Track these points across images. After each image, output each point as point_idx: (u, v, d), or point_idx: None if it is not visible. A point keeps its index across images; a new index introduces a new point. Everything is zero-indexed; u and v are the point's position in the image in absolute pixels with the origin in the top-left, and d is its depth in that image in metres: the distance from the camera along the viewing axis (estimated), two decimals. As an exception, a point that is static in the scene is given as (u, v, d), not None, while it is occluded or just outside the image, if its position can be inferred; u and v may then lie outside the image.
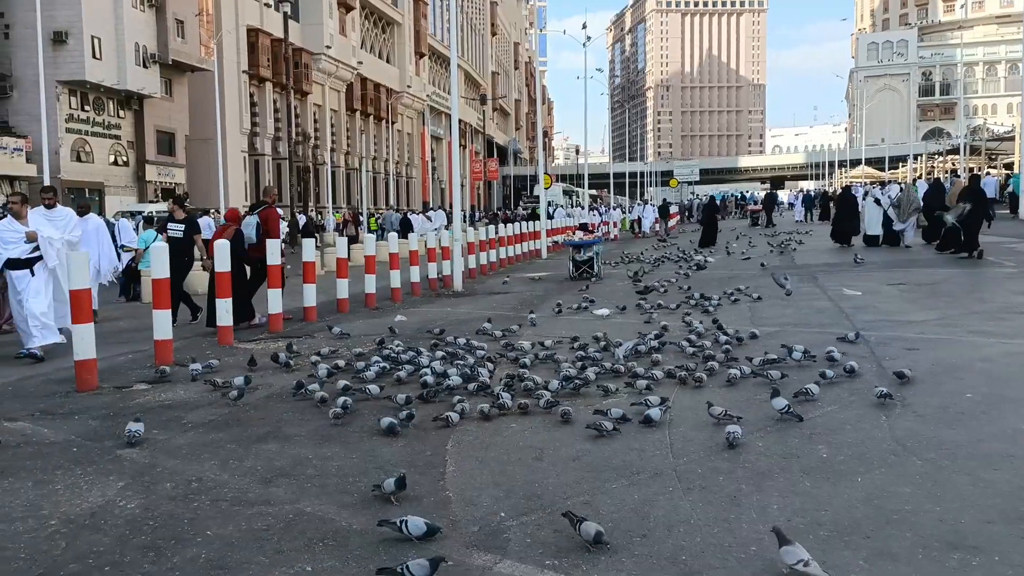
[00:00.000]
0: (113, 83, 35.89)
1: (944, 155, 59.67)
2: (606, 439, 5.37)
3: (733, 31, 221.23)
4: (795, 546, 3.45)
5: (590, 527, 3.75)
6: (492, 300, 13.92)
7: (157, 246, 9.63)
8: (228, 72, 41.23)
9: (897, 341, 8.37)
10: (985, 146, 43.59)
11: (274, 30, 44.02)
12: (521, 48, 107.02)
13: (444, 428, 5.75)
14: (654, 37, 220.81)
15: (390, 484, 4.40)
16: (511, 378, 7.00)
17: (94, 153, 36.59)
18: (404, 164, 65.72)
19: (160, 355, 8.57)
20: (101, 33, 35.08)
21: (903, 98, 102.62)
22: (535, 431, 5.67)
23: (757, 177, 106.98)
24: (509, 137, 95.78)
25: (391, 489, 4.39)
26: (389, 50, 63.01)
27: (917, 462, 4.81)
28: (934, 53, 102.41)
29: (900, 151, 79.21)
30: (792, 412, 5.58)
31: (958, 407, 5.93)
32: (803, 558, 3.40)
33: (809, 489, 4.43)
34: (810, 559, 3.39)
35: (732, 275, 15.83)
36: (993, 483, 4.43)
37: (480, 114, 74.34)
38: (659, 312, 11.00)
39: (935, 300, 11.33)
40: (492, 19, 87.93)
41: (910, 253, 19.00)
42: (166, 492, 4.67)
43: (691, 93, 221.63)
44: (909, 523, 3.95)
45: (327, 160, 51.26)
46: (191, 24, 39.83)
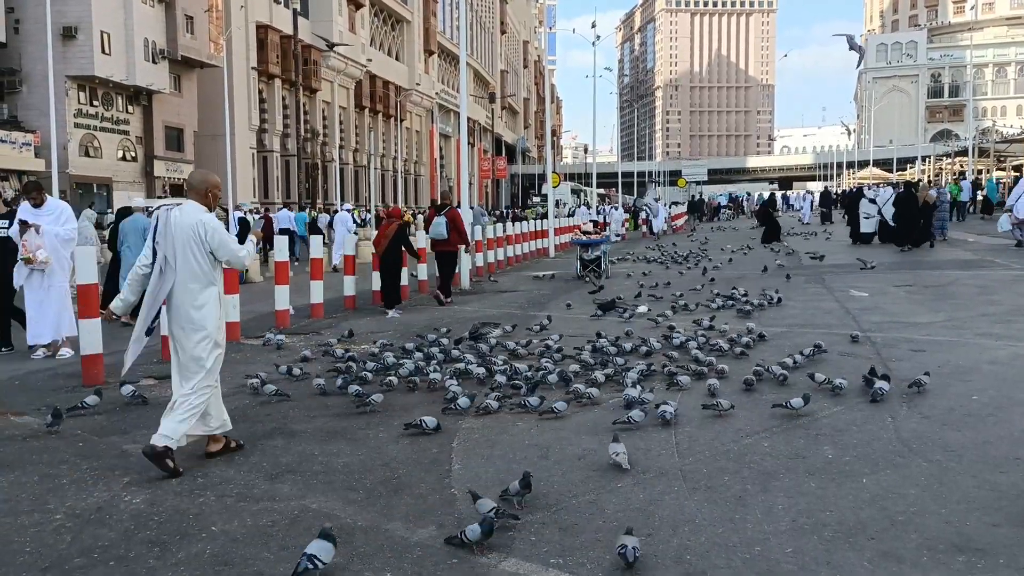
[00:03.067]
0: (122, 78, 35.99)
1: (952, 157, 59.37)
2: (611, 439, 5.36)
3: (743, 31, 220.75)
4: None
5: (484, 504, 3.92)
6: (500, 299, 13.91)
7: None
8: (237, 68, 41.31)
9: (904, 343, 8.35)
10: (994, 148, 43.36)
11: (283, 27, 44.11)
12: (530, 47, 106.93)
13: (455, 418, 5.75)
14: (663, 37, 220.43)
15: (475, 532, 3.71)
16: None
17: (102, 148, 36.71)
18: (412, 162, 65.75)
19: (167, 352, 8.57)
20: (110, 28, 35.18)
21: (912, 99, 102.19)
22: (541, 430, 5.67)
23: (765, 177, 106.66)
24: (517, 135, 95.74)
25: (475, 537, 3.71)
26: (398, 47, 63.04)
27: (923, 464, 4.80)
28: (943, 55, 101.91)
29: (908, 152, 78.95)
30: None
31: (965, 409, 5.91)
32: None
33: (814, 490, 4.42)
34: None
35: (741, 275, 15.80)
36: (999, 486, 4.41)
37: (489, 112, 74.32)
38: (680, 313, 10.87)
39: (942, 302, 11.28)
40: (502, 17, 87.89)
41: (915, 254, 18.93)
42: (171, 487, 4.69)
43: (700, 93, 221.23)
44: (914, 525, 3.93)
45: (335, 157, 51.32)
46: (200, 20, 39.92)
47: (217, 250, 5.06)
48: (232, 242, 5.14)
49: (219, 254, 5.08)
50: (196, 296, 5.02)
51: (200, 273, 5.03)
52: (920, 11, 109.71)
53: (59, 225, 8.90)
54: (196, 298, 5.02)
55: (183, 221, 5.02)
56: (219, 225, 5.10)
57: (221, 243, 5.04)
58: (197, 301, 5.02)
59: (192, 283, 5.02)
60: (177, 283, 5.02)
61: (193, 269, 5.02)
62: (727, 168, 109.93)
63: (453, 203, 14.94)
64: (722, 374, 6.95)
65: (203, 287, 5.05)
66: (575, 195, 63.63)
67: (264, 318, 11.36)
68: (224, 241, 5.06)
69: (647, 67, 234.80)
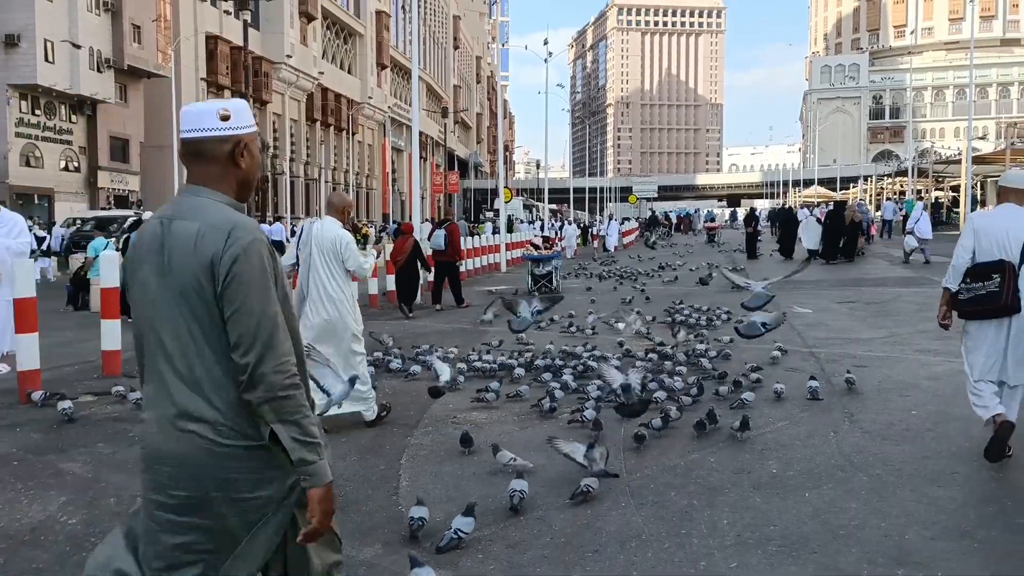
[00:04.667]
0: (66, 87, 35.16)
1: (893, 177, 61.08)
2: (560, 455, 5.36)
3: (692, 51, 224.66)
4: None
5: None
6: (451, 315, 13.88)
7: (107, 255, 9.43)
8: (186, 79, 40.68)
9: (847, 358, 8.53)
10: (932, 169, 44.71)
11: (234, 38, 43.60)
12: (483, 62, 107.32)
13: (404, 439, 5.70)
14: (615, 55, 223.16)
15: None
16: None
17: (44, 158, 35.76)
18: (364, 175, 65.36)
19: (108, 366, 8.38)
20: (55, 37, 34.39)
21: (855, 120, 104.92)
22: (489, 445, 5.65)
23: (714, 194, 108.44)
24: (470, 150, 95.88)
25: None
26: (351, 61, 62.75)
27: (864, 478, 4.90)
28: (884, 77, 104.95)
29: (851, 172, 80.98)
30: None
31: (904, 424, 6.06)
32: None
33: (759, 504, 4.48)
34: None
35: (688, 291, 15.99)
36: (938, 500, 4.53)
37: (441, 127, 74.28)
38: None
39: (884, 319, 11.56)
40: (455, 33, 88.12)
41: (859, 271, 19.41)
42: (109, 508, 4.56)
43: (651, 111, 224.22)
44: (855, 538, 4.01)
45: (286, 170, 50.77)
46: (148, 29, 39.24)
47: (347, 260, 6.03)
48: (359, 255, 6.17)
49: (348, 264, 6.04)
50: (333, 297, 5.97)
51: (333, 278, 6.00)
52: (862, 35, 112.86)
53: (11, 238, 8.56)
54: (334, 299, 5.97)
55: (324, 234, 6.02)
56: (352, 240, 6.16)
57: (352, 255, 6.04)
58: (335, 300, 5.96)
59: (326, 286, 5.98)
60: (315, 286, 5.97)
61: (327, 275, 5.99)
62: (677, 185, 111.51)
63: (452, 220, 16.84)
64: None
65: (340, 289, 6.02)
66: (527, 210, 63.89)
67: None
68: (355, 253, 6.09)
69: (599, 84, 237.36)
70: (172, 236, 2.10)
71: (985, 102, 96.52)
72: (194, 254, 2.06)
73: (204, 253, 2.05)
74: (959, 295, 5.14)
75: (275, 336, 2.07)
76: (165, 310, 2.10)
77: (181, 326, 2.08)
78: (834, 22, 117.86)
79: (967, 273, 5.10)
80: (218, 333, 2.07)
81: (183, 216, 2.13)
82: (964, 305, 5.12)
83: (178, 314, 2.08)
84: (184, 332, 2.08)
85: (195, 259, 2.06)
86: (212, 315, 2.07)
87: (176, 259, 2.08)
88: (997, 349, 5.02)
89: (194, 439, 2.06)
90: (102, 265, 9.06)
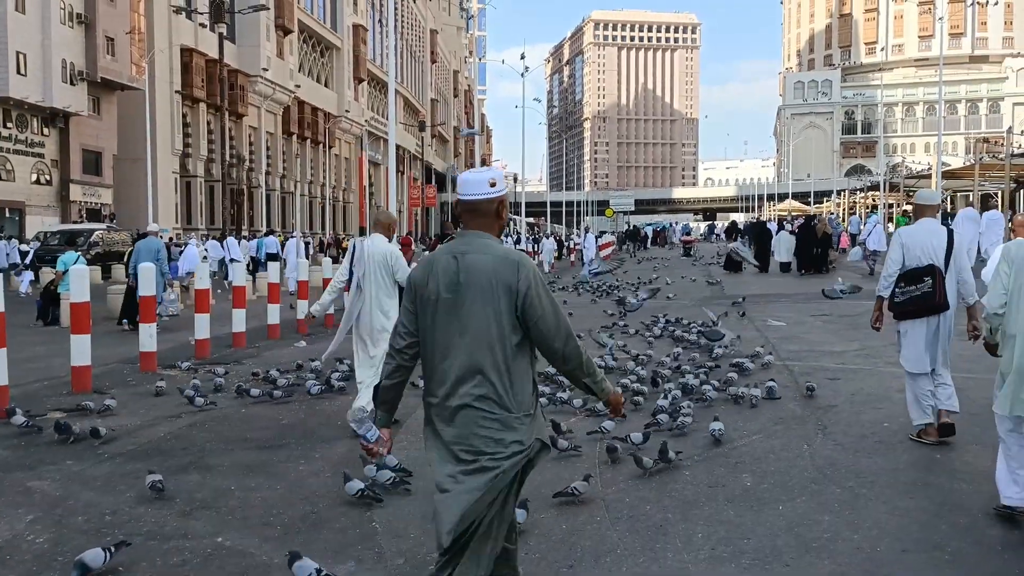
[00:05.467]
0: (38, 100, 34.80)
1: (865, 191, 61.87)
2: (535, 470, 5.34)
3: (668, 66, 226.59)
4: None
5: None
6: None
7: (77, 269, 9.31)
8: (160, 92, 40.39)
9: (820, 371, 8.60)
10: (904, 183, 45.37)
11: (209, 51, 43.39)
12: (460, 76, 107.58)
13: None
14: (591, 70, 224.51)
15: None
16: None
17: (15, 171, 35.31)
18: (341, 189, 65.15)
19: (78, 382, 8.26)
20: (27, 49, 34.05)
21: (827, 135, 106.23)
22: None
23: (690, 208, 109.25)
24: (448, 164, 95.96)
25: None
26: (327, 74, 62.64)
27: (837, 490, 4.93)
28: (856, 93, 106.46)
29: (825, 186, 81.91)
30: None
31: (877, 436, 6.11)
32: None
33: (733, 518, 4.50)
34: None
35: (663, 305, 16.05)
36: (909, 512, 4.56)
37: (419, 140, 74.26)
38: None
39: (856, 331, 11.66)
40: (432, 47, 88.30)
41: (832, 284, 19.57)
42: (78, 526, 4.49)
43: (627, 125, 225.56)
44: (828, 551, 4.03)
45: (262, 183, 50.48)
46: (122, 42, 38.93)
47: (397, 272, 6.44)
48: (407, 268, 6.44)
49: (398, 276, 6.44)
50: (383, 305, 6.40)
51: (386, 289, 6.43)
52: (835, 51, 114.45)
53: None
54: (384, 307, 6.40)
55: (375, 250, 6.46)
56: (400, 254, 6.65)
57: (401, 267, 6.46)
58: (384, 308, 6.39)
59: (380, 296, 6.41)
60: (368, 297, 6.40)
61: (381, 286, 6.42)
62: (653, 199, 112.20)
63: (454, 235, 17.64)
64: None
65: (389, 299, 6.42)
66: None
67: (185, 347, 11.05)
68: (403, 266, 6.49)
69: (576, 99, 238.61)
70: (467, 265, 2.86)
71: (955, 118, 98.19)
72: (493, 278, 2.83)
73: (502, 278, 2.83)
74: (895, 298, 5.82)
75: (569, 326, 2.93)
76: (459, 314, 2.85)
77: (484, 332, 2.83)
78: (807, 38, 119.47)
79: (901, 278, 5.77)
80: (509, 328, 2.84)
81: (474, 251, 2.89)
82: (901, 306, 5.79)
83: (477, 324, 2.83)
84: (485, 336, 2.82)
85: (495, 280, 2.83)
86: (506, 317, 2.84)
87: (473, 280, 2.84)
88: (928, 342, 5.74)
89: (473, 408, 2.83)
90: (72, 280, 8.94)
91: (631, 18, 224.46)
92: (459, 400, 2.82)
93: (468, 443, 2.82)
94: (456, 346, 2.85)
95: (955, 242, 5.78)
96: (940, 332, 5.74)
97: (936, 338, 5.74)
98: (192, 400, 7.35)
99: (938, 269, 5.65)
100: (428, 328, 2.92)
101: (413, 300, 2.98)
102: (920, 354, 5.77)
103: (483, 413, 2.81)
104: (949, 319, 5.75)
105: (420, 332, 2.96)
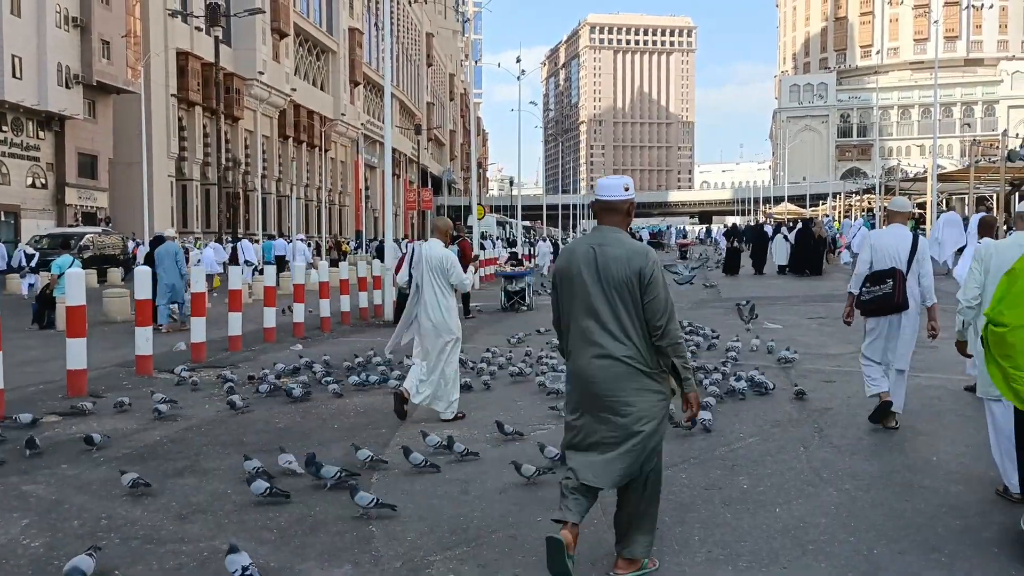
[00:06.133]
0: (33, 103, 34.74)
1: (861, 194, 61.96)
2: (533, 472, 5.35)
3: (664, 69, 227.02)
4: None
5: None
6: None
7: (73, 272, 9.29)
8: (156, 95, 40.35)
9: (816, 374, 8.62)
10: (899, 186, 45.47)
11: (205, 54, 43.35)
12: (456, 79, 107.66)
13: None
14: (587, 73, 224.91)
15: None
16: None
17: (11, 175, 35.23)
18: (337, 192, 65.13)
19: (73, 386, 8.24)
20: (22, 52, 34.00)
21: (823, 138, 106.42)
22: (462, 464, 5.63)
23: (686, 211, 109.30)
24: (443, 167, 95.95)
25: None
26: (323, 78, 62.66)
27: (833, 493, 4.93)
28: (851, 96, 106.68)
29: (820, 189, 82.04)
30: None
31: (872, 439, 6.12)
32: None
33: (730, 520, 4.50)
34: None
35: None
36: (905, 514, 4.57)
37: (415, 144, 74.24)
38: None
39: (852, 334, 11.63)
40: (428, 50, 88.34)
41: (830, 286, 19.62)
42: (73, 530, 4.47)
43: (623, 128, 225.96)
44: (825, 553, 4.03)
45: (258, 187, 50.42)
46: (117, 45, 38.89)
47: (452, 275, 6.98)
48: (462, 272, 7.17)
49: (452, 279, 6.99)
50: (440, 307, 6.91)
51: (442, 289, 6.96)
52: (830, 54, 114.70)
53: None
54: (440, 309, 6.91)
55: (432, 253, 6.97)
56: (456, 259, 7.13)
57: (456, 271, 7.00)
58: (442, 310, 6.91)
59: (437, 296, 6.92)
60: (426, 297, 6.92)
61: (437, 287, 6.93)
62: (649, 202, 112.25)
63: (464, 236, 18.51)
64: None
65: (445, 299, 6.96)
66: (500, 227, 63.94)
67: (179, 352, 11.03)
68: (458, 270, 7.05)
69: (572, 102, 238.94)
70: (604, 255, 3.65)
71: (950, 121, 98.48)
72: (627, 267, 3.61)
73: (634, 266, 3.61)
74: (861, 297, 6.31)
75: (673, 311, 3.68)
76: (601, 296, 3.63)
77: (615, 305, 3.62)
78: (802, 42, 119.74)
79: (867, 279, 6.25)
80: (637, 309, 3.61)
81: (610, 244, 3.68)
82: (865, 304, 6.30)
83: (610, 298, 3.62)
84: (615, 307, 3.62)
85: (628, 269, 3.61)
86: (635, 299, 3.61)
87: (612, 269, 3.62)
88: (887, 337, 6.27)
89: (614, 365, 3.62)
90: (68, 283, 8.92)
91: (627, 21, 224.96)
92: (597, 351, 3.62)
93: (606, 391, 3.62)
94: (593, 314, 3.64)
95: (919, 247, 6.18)
96: (901, 330, 6.19)
97: (897, 334, 6.21)
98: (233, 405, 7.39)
99: (899, 271, 6.07)
100: (568, 301, 3.74)
101: (558, 281, 3.82)
102: (880, 348, 6.30)
103: (615, 363, 3.61)
104: (911, 318, 6.18)
105: (562, 304, 3.78)
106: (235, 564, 3.63)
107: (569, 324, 3.74)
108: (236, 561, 3.64)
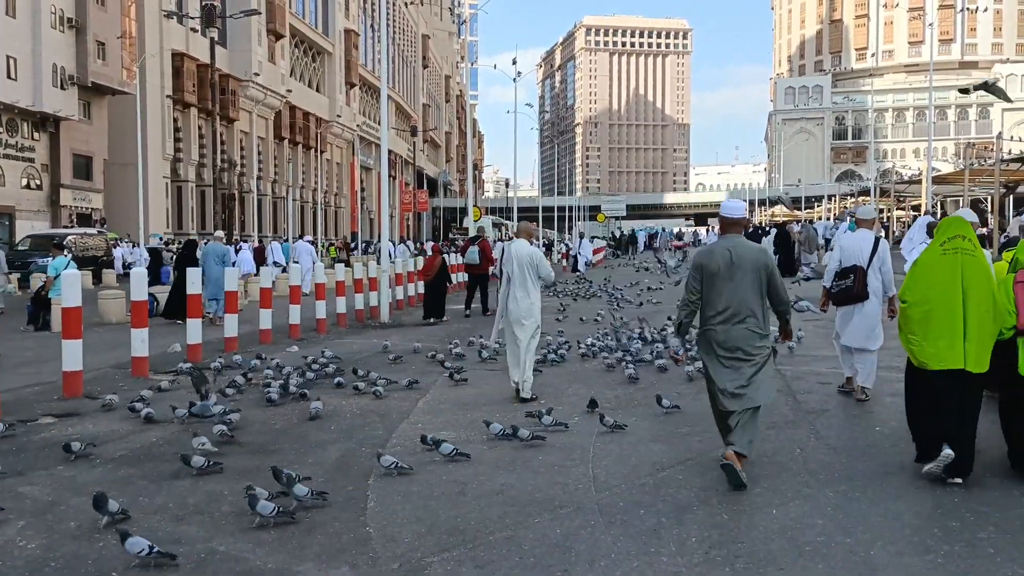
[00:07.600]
0: (28, 104, 34.68)
1: (855, 197, 62.15)
2: (530, 474, 5.36)
3: (660, 72, 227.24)
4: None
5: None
6: (420, 332, 13.83)
7: (68, 274, 9.27)
8: (151, 96, 40.28)
9: (811, 375, 8.63)
10: (894, 189, 45.61)
11: (200, 55, 43.31)
12: (452, 81, 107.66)
13: (371, 459, 5.65)
14: (583, 75, 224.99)
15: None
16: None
17: (5, 176, 35.15)
18: (333, 194, 65.06)
19: (69, 387, 8.22)
20: (17, 53, 33.94)
21: (818, 141, 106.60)
22: (458, 465, 5.63)
23: (682, 213, 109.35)
24: (439, 169, 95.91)
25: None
26: (319, 79, 62.62)
27: (829, 494, 4.94)
28: (846, 99, 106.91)
29: (815, 191, 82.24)
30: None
31: (869, 440, 6.13)
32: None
33: (727, 522, 4.51)
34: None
35: (656, 311, 16.08)
36: (902, 515, 4.58)
37: (410, 145, 74.20)
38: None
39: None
40: (424, 52, 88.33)
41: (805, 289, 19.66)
42: (69, 531, 4.46)
43: (619, 130, 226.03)
44: (821, 555, 4.04)
45: (253, 188, 50.36)
46: (113, 46, 38.83)
47: (540, 269, 7.89)
48: (549, 266, 8.15)
49: (541, 272, 7.90)
50: (529, 296, 7.81)
51: (530, 283, 7.84)
52: (825, 57, 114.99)
53: None
54: (529, 298, 7.80)
55: (520, 252, 7.90)
56: (543, 256, 8.10)
57: (544, 265, 7.93)
58: (529, 299, 7.80)
59: (527, 288, 7.81)
60: (516, 289, 7.79)
61: (526, 280, 7.81)
62: (645, 204, 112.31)
63: (484, 237, 18.94)
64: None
65: (533, 291, 7.86)
66: (496, 229, 63.97)
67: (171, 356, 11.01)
68: (546, 265, 8.02)
69: (567, 104, 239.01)
70: (738, 254, 5.19)
71: (944, 123, 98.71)
72: (755, 262, 5.19)
73: (760, 262, 5.21)
74: (832, 289, 7.48)
75: (786, 293, 5.39)
76: (739, 284, 5.15)
77: (750, 290, 5.17)
78: (798, 44, 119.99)
79: (837, 275, 7.44)
80: (763, 292, 5.21)
81: (740, 247, 5.25)
82: (835, 296, 7.46)
83: (745, 286, 5.16)
84: (751, 292, 5.17)
85: (757, 264, 5.19)
86: (761, 286, 5.20)
87: (745, 263, 5.17)
88: (853, 324, 7.33)
89: (744, 328, 5.16)
90: (63, 285, 8.90)
91: (623, 23, 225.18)
92: (736, 321, 5.14)
93: (739, 346, 5.15)
94: (731, 297, 5.16)
95: (879, 248, 7.37)
96: (864, 315, 7.30)
97: (862, 320, 7.29)
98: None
99: (860, 268, 7.27)
100: (711, 287, 5.22)
101: (700, 272, 5.27)
102: (847, 332, 7.39)
103: (751, 329, 5.16)
104: (872, 306, 7.31)
105: (704, 290, 5.24)
106: (139, 545, 3.86)
107: (708, 301, 5.23)
108: (139, 543, 3.87)
